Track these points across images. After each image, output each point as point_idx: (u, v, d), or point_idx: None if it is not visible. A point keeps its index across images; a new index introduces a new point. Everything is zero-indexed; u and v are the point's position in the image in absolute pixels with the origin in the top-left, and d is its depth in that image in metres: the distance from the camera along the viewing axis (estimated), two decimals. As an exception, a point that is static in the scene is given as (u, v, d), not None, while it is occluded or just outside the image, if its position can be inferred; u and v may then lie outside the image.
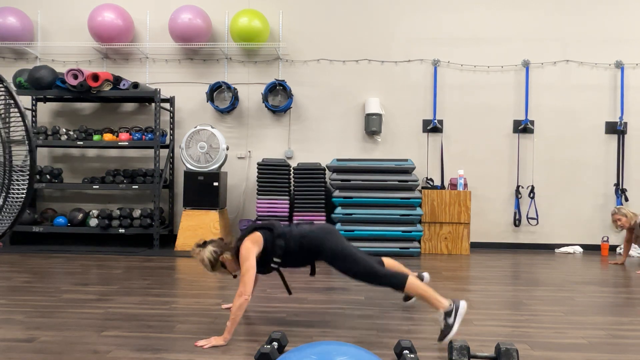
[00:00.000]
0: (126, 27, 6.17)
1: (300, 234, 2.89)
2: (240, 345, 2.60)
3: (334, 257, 2.83)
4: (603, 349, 2.63)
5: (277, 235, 2.87)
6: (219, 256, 2.89)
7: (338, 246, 2.83)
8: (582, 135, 6.21)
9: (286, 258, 2.90)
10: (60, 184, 5.98)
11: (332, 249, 2.83)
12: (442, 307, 2.62)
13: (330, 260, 2.85)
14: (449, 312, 2.60)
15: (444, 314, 2.60)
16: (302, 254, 2.89)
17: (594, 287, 4.10)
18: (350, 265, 2.79)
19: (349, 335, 2.79)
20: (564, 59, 6.23)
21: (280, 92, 6.25)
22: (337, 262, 2.83)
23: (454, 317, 2.58)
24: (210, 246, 2.91)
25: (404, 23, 6.30)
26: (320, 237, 2.86)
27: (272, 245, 2.86)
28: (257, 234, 2.88)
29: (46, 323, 2.94)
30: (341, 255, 2.81)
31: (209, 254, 2.88)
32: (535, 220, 6.18)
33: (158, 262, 5.02)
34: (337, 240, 2.85)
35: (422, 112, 6.28)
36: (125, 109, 6.48)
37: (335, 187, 5.69)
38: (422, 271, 3.44)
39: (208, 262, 2.88)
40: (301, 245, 2.87)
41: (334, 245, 2.83)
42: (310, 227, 2.93)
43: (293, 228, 2.95)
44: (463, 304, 2.62)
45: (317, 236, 2.87)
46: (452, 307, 2.61)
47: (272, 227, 2.91)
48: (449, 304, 2.62)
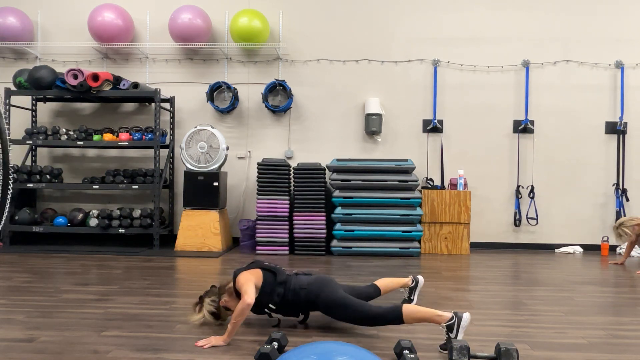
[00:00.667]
0: (126, 27, 6.17)
1: (300, 286, 2.89)
2: (240, 345, 2.60)
3: (330, 308, 2.84)
4: (603, 349, 2.63)
5: (279, 283, 2.87)
6: (218, 303, 2.89)
7: (333, 298, 2.82)
8: (582, 135, 6.21)
9: (281, 306, 2.90)
10: (60, 184, 5.98)
11: (328, 301, 2.83)
12: (442, 322, 2.58)
13: (326, 310, 2.86)
14: (451, 325, 2.55)
15: (446, 328, 2.56)
16: (298, 304, 2.90)
17: (594, 287, 4.10)
18: (347, 314, 2.80)
19: (349, 335, 2.79)
20: (564, 59, 6.23)
21: (280, 92, 6.25)
22: (333, 312, 2.84)
23: (456, 331, 2.54)
24: (206, 298, 2.91)
25: (404, 23, 6.30)
26: (317, 291, 2.86)
27: (272, 290, 2.86)
28: (258, 270, 2.89)
29: (46, 323, 2.94)
30: (336, 306, 2.81)
31: (208, 306, 2.88)
32: (535, 220, 6.18)
33: (158, 262, 5.02)
34: (332, 291, 2.85)
35: (422, 112, 6.28)
36: (125, 109, 6.48)
37: (335, 187, 5.69)
38: (417, 274, 3.42)
39: (211, 314, 2.88)
40: (298, 297, 2.87)
41: (330, 297, 2.83)
42: (308, 280, 2.92)
43: (292, 278, 2.93)
44: (466, 316, 2.56)
45: (314, 289, 2.87)
46: (453, 321, 2.56)
47: (277, 272, 2.91)
48: (450, 316, 2.57)
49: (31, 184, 5.83)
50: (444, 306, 3.41)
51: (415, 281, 3.26)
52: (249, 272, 2.85)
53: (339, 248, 5.61)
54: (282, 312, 2.94)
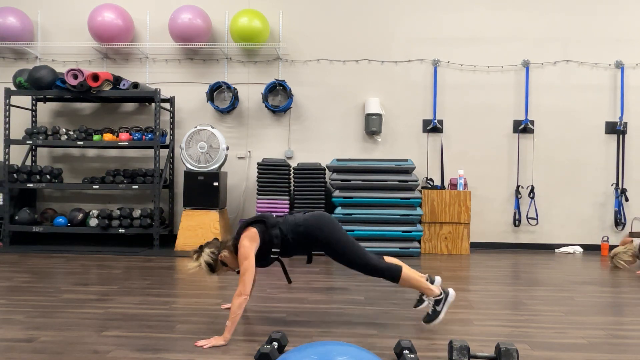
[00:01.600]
0: (126, 27, 6.17)
1: (296, 222, 2.89)
2: (240, 345, 2.60)
3: (329, 245, 2.85)
4: (603, 349, 2.63)
5: (271, 226, 2.87)
6: (217, 256, 2.89)
7: (333, 235, 2.84)
8: (582, 135, 6.21)
9: (284, 247, 2.90)
10: (60, 184, 5.98)
11: (327, 237, 2.84)
12: (432, 295, 2.85)
13: (326, 248, 2.87)
14: (439, 300, 2.83)
15: (434, 301, 2.83)
16: (298, 241, 2.89)
17: (594, 287, 4.10)
18: (344, 253, 2.82)
19: (349, 335, 2.79)
20: (564, 59, 6.23)
21: (280, 92, 6.25)
22: (332, 250, 2.85)
23: (442, 305, 2.83)
24: (207, 249, 2.91)
25: (404, 23, 6.30)
26: (315, 226, 2.86)
27: (269, 236, 2.86)
28: (252, 229, 2.87)
29: (46, 323, 2.94)
30: (336, 243, 2.83)
31: (207, 256, 2.87)
32: (535, 220, 6.18)
33: (158, 262, 5.02)
34: (332, 228, 2.86)
35: (422, 112, 6.28)
36: (125, 109, 6.48)
37: (335, 187, 5.69)
38: (433, 275, 3.40)
39: (207, 265, 2.87)
40: (297, 233, 2.88)
41: (329, 234, 2.84)
42: (304, 216, 2.92)
43: (288, 217, 2.95)
44: (452, 292, 2.87)
45: (312, 224, 2.87)
46: (442, 297, 2.84)
47: (265, 219, 2.91)
48: (439, 292, 2.85)
49: (31, 184, 5.83)
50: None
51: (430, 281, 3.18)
52: (247, 239, 2.82)
53: (339, 248, 5.60)
54: (285, 254, 2.94)
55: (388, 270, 2.80)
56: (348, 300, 3.54)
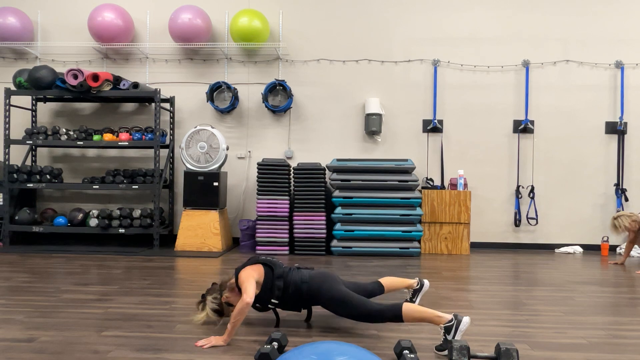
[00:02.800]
0: (126, 27, 6.17)
1: (301, 279, 2.89)
2: (240, 345, 2.60)
3: (331, 303, 2.83)
4: (603, 349, 2.63)
5: (277, 276, 2.87)
6: (220, 299, 2.90)
7: (335, 292, 2.82)
8: (582, 135, 6.21)
9: (284, 300, 2.90)
10: (60, 184, 5.98)
11: (329, 295, 2.83)
12: (441, 323, 2.57)
13: (327, 305, 2.86)
14: (449, 328, 2.54)
15: (444, 329, 2.55)
16: (300, 299, 2.90)
17: (594, 287, 4.10)
18: (347, 309, 2.79)
19: (349, 335, 2.79)
20: (564, 59, 6.23)
21: (280, 92, 6.25)
22: (334, 307, 2.84)
23: (453, 333, 2.53)
24: (209, 296, 2.91)
25: (404, 23, 6.30)
26: (319, 284, 2.86)
27: (272, 285, 2.86)
28: (260, 266, 2.89)
29: (46, 323, 2.94)
30: (337, 301, 2.81)
31: (211, 304, 2.88)
32: (535, 220, 6.18)
33: (158, 262, 5.02)
34: (334, 286, 2.85)
35: (422, 112, 6.28)
36: (125, 109, 6.48)
37: (335, 187, 5.69)
38: (422, 277, 3.41)
39: (214, 312, 2.88)
40: (299, 291, 2.87)
41: (331, 292, 2.83)
42: (310, 274, 2.92)
43: (294, 272, 2.93)
44: (466, 320, 2.54)
45: (316, 283, 2.87)
46: (452, 323, 2.54)
47: (274, 266, 2.90)
48: (450, 318, 2.56)
49: (31, 184, 5.83)
50: (444, 306, 3.41)
51: (420, 284, 3.22)
52: (250, 268, 2.85)
53: (339, 248, 5.61)
54: (284, 306, 2.93)
55: (389, 311, 2.70)
56: (348, 300, 3.53)
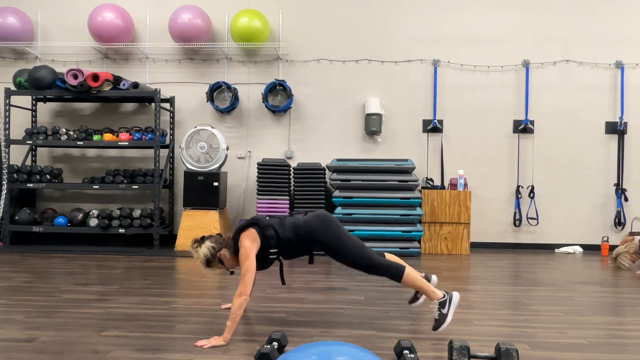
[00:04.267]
0: (126, 27, 6.17)
1: (296, 223, 2.87)
2: (240, 345, 2.60)
3: (330, 246, 2.82)
4: (603, 349, 2.63)
5: (265, 227, 2.85)
6: (216, 252, 2.89)
7: (333, 234, 2.81)
8: (582, 135, 6.21)
9: (282, 248, 2.88)
10: (60, 184, 5.98)
11: (328, 238, 2.81)
12: (436, 298, 2.74)
13: (326, 249, 2.84)
14: (443, 302, 2.72)
15: (438, 304, 2.71)
16: (298, 243, 2.87)
17: (594, 287, 4.10)
18: (346, 254, 2.79)
19: (349, 335, 2.79)
20: (564, 59, 6.23)
21: (280, 92, 6.25)
22: (333, 251, 2.82)
23: (447, 307, 2.71)
24: (208, 242, 2.90)
25: (404, 23, 6.30)
26: (315, 227, 2.83)
27: (264, 237, 2.84)
28: (252, 230, 2.85)
29: (46, 323, 2.94)
30: (337, 244, 2.80)
31: (206, 249, 2.87)
32: (535, 220, 6.18)
33: (158, 262, 5.02)
34: (332, 228, 2.83)
35: (422, 112, 6.28)
36: (125, 109, 6.48)
37: (335, 187, 5.69)
38: (430, 273, 3.40)
39: (204, 257, 2.87)
40: (297, 235, 2.85)
41: (330, 235, 2.81)
42: (304, 217, 2.89)
43: (286, 218, 2.92)
44: (456, 294, 2.76)
45: (312, 226, 2.84)
46: (445, 298, 2.73)
47: (257, 220, 2.89)
48: (442, 294, 2.75)
49: (31, 184, 5.83)
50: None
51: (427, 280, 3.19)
52: (248, 239, 2.81)
53: (339, 248, 5.60)
54: (285, 254, 2.93)
55: (391, 268, 2.77)
56: (348, 300, 3.54)
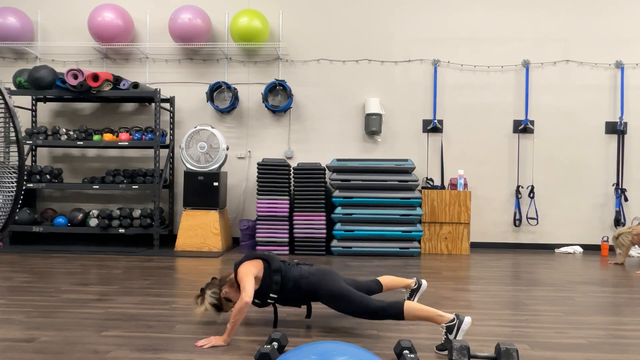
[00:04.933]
0: (126, 27, 6.17)
1: (300, 275, 2.87)
2: (240, 345, 2.60)
3: (331, 299, 2.83)
4: (603, 349, 2.63)
5: (274, 270, 2.85)
6: (219, 294, 2.89)
7: (334, 288, 2.82)
8: (582, 135, 6.21)
9: (282, 295, 2.88)
10: (60, 184, 5.98)
11: (329, 291, 2.82)
12: (443, 322, 2.56)
13: (327, 301, 2.85)
14: (451, 327, 2.53)
15: (446, 328, 2.54)
16: (299, 294, 2.89)
17: (594, 287, 4.10)
18: (346, 306, 2.79)
19: (349, 335, 2.79)
20: (564, 59, 6.23)
21: (280, 92, 6.25)
22: (333, 303, 2.83)
23: (455, 333, 2.52)
24: (208, 290, 2.90)
25: (404, 23, 6.30)
26: (318, 280, 2.85)
27: (269, 280, 2.84)
28: (259, 261, 2.88)
29: (46, 323, 2.94)
30: (337, 297, 2.80)
31: (210, 298, 2.87)
32: (535, 220, 6.18)
33: (158, 262, 5.02)
34: (333, 282, 2.84)
35: (422, 112, 6.28)
36: (125, 109, 6.48)
37: (335, 187, 5.69)
38: (420, 277, 3.41)
39: (213, 306, 2.87)
40: (298, 286, 2.86)
41: (331, 288, 2.82)
42: (309, 269, 2.91)
43: (293, 267, 2.92)
44: (467, 320, 2.53)
45: (315, 279, 2.86)
46: (454, 323, 2.53)
47: (270, 260, 2.88)
48: (451, 318, 2.55)
49: (31, 184, 5.83)
50: (444, 306, 3.41)
51: (418, 284, 3.22)
52: (250, 264, 2.83)
53: (339, 248, 5.61)
54: (283, 302, 2.93)
55: (390, 308, 2.69)
56: (348, 300, 3.53)
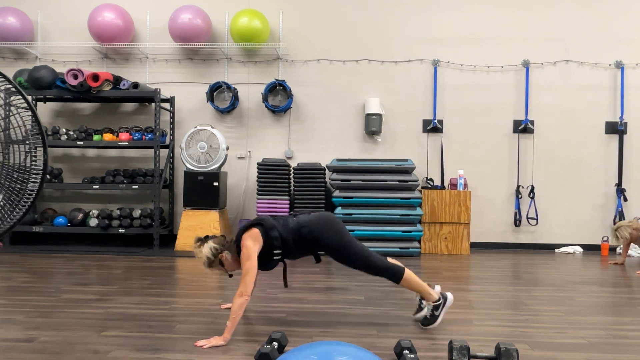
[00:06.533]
0: (126, 27, 6.17)
1: (299, 224, 2.87)
2: (240, 345, 2.60)
3: (332, 247, 2.84)
4: (603, 349, 2.63)
5: (269, 228, 2.85)
6: (218, 253, 2.87)
7: (337, 236, 2.83)
8: (582, 135, 6.21)
9: (286, 249, 2.88)
10: (60, 184, 5.98)
11: (330, 239, 2.83)
12: (432, 300, 2.89)
13: (329, 249, 2.86)
14: (437, 305, 2.89)
15: (433, 306, 2.88)
16: (301, 243, 2.88)
17: (594, 287, 4.10)
18: (348, 255, 2.82)
19: (349, 335, 2.79)
20: (564, 59, 6.23)
21: (280, 92, 6.25)
22: (335, 252, 2.85)
23: (440, 310, 2.89)
24: (211, 242, 2.88)
25: (404, 23, 6.30)
26: (318, 228, 2.85)
27: (269, 238, 2.84)
28: (254, 229, 2.85)
29: (46, 323, 2.94)
30: (339, 245, 2.83)
31: (208, 250, 2.85)
32: (535, 220, 6.18)
33: (158, 262, 5.02)
34: (335, 229, 2.85)
35: (422, 112, 6.28)
36: (125, 109, 6.48)
37: (335, 187, 5.69)
38: (421, 277, 3.42)
39: (206, 258, 2.86)
40: (300, 235, 2.86)
41: (332, 236, 2.83)
42: (308, 218, 2.90)
43: (289, 219, 2.93)
44: (450, 297, 2.92)
45: (315, 227, 2.85)
46: (440, 302, 2.89)
47: (262, 221, 2.89)
48: (438, 297, 2.90)
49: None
50: (444, 306, 3.40)
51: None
52: (250, 239, 2.80)
53: (339, 248, 5.60)
54: (289, 255, 2.93)
55: (391, 269, 2.82)
56: (348, 300, 3.54)
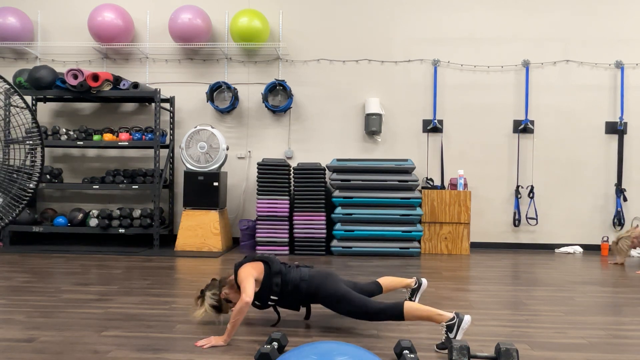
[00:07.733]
0: (126, 27, 6.17)
1: (300, 277, 2.88)
2: (240, 345, 2.60)
3: (331, 301, 2.84)
4: (603, 349, 2.63)
5: (275, 273, 2.86)
6: (219, 296, 2.88)
7: (334, 291, 2.83)
8: (582, 135, 6.21)
9: (283, 297, 2.89)
10: (60, 184, 5.98)
11: (329, 293, 2.83)
12: (443, 321, 2.57)
13: (327, 303, 2.87)
14: (451, 326, 2.54)
15: (446, 327, 2.55)
16: (299, 296, 2.90)
17: (594, 287, 4.10)
18: (347, 307, 2.80)
19: (349, 335, 2.79)
20: (564, 59, 6.23)
21: (280, 92, 6.25)
22: (334, 305, 2.84)
23: (455, 332, 2.53)
24: (208, 292, 2.90)
25: (404, 23, 6.30)
26: (318, 283, 2.86)
27: (270, 282, 2.85)
28: (259, 263, 2.89)
29: (46, 323, 2.94)
30: (337, 299, 2.81)
31: (210, 300, 2.87)
32: (535, 220, 6.18)
33: (158, 262, 5.02)
34: (333, 284, 2.85)
35: (422, 112, 6.28)
36: (125, 109, 6.48)
37: (335, 187, 5.69)
38: (420, 276, 3.42)
39: (212, 307, 2.86)
40: (298, 289, 2.87)
41: (331, 290, 2.83)
42: (309, 272, 2.92)
43: (293, 270, 2.93)
44: (467, 318, 2.55)
45: (315, 281, 2.87)
46: (454, 321, 2.54)
47: (271, 262, 2.89)
48: (451, 316, 2.56)
49: (31, 184, 5.83)
50: (444, 306, 3.40)
51: (418, 283, 3.24)
52: (250, 266, 2.85)
53: (339, 248, 5.61)
54: (284, 304, 2.93)
55: (388, 309, 2.70)
56: (348, 300, 3.53)
